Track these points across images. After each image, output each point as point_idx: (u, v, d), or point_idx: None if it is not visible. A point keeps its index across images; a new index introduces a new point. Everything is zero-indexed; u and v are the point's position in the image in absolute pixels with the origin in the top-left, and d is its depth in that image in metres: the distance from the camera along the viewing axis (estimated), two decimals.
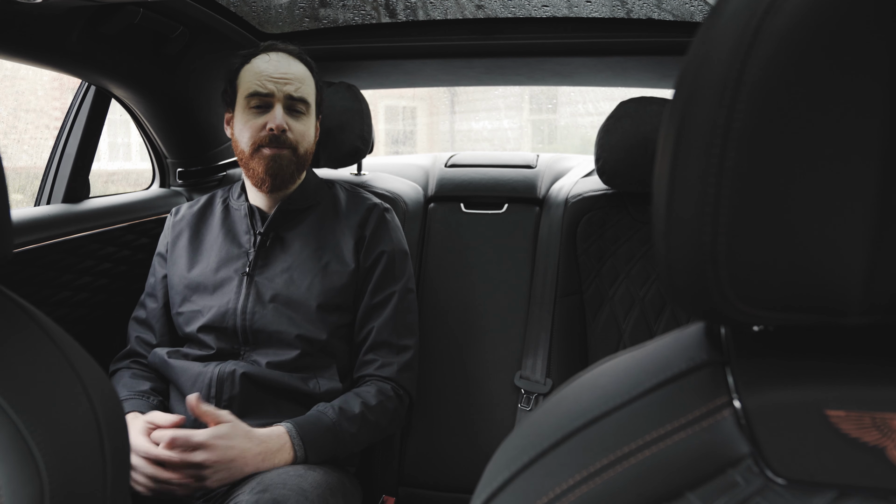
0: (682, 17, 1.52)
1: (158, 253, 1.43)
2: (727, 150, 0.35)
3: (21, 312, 0.60)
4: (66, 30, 1.22)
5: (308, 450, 1.17)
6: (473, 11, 1.57)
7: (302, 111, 1.33)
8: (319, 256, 1.33)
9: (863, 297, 0.35)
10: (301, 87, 1.33)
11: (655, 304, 1.54)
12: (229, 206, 1.41)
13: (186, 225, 1.41)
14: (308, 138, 1.35)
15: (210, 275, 1.33)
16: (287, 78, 1.31)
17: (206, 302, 1.31)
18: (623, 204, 1.59)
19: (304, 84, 1.34)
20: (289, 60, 1.34)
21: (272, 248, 1.33)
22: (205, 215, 1.42)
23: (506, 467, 0.43)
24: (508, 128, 6.31)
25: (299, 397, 1.26)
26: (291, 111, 1.32)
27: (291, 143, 1.31)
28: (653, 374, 0.42)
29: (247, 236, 1.35)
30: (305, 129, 1.34)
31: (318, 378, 1.29)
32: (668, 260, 0.39)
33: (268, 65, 1.31)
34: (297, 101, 1.32)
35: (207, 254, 1.35)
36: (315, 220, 1.37)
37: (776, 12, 0.34)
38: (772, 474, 0.37)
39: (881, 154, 0.33)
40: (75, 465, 0.54)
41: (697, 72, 0.36)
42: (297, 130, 1.32)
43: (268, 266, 1.32)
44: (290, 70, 1.32)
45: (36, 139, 2.60)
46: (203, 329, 1.29)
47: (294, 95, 1.31)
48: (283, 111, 1.30)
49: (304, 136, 1.34)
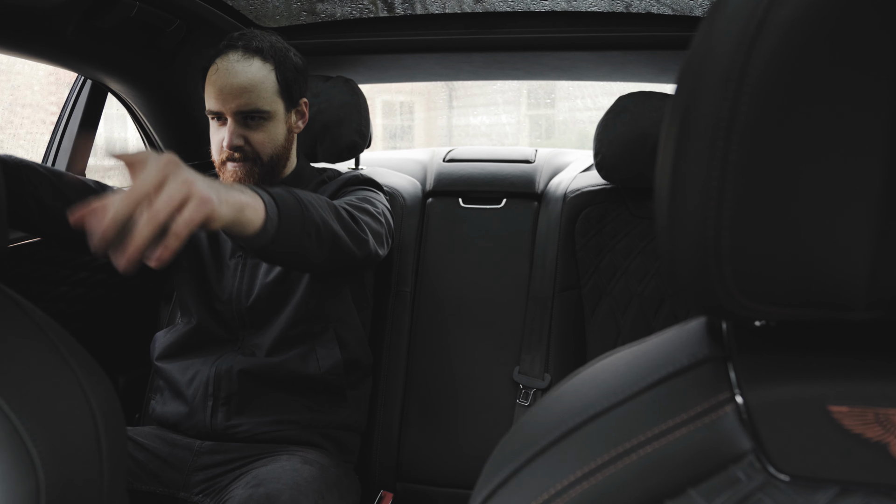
0: (681, 11, 1.52)
1: None
2: (731, 144, 0.35)
3: (17, 308, 0.60)
4: (62, 23, 1.21)
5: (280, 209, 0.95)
6: (472, 5, 1.57)
7: (260, 120, 1.25)
8: None
9: (867, 292, 0.35)
10: (252, 97, 1.23)
11: (654, 299, 1.53)
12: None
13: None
14: (272, 143, 1.28)
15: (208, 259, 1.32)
16: (234, 91, 1.21)
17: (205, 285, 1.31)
18: (622, 199, 1.59)
19: (257, 90, 1.23)
20: (239, 65, 1.23)
21: None
22: None
23: (506, 464, 0.42)
24: (506, 123, 6.30)
25: (300, 383, 1.26)
26: (246, 122, 1.24)
27: (251, 155, 1.25)
28: (654, 370, 0.42)
29: None
30: (266, 137, 1.26)
31: (316, 350, 1.28)
32: (670, 255, 0.38)
33: (217, 76, 1.22)
34: (249, 113, 1.24)
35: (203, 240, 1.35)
36: None
37: (780, 5, 0.34)
38: (774, 470, 0.37)
39: (885, 148, 0.33)
40: (72, 462, 0.54)
41: (700, 65, 0.36)
42: (256, 140, 1.25)
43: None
44: (237, 79, 1.22)
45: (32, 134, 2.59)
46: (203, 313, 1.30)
47: (244, 110, 1.23)
48: (236, 126, 1.23)
49: (265, 143, 1.26)
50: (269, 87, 1.25)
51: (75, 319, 1.42)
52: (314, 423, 1.28)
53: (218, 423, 1.23)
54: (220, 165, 1.28)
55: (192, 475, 1.20)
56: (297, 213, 0.98)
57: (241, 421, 1.24)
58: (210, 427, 1.24)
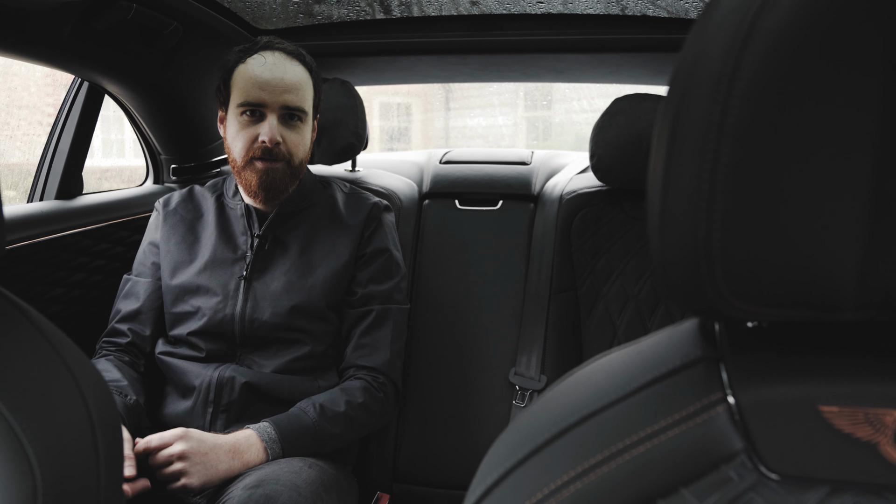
0: (676, 13, 1.52)
1: (151, 242, 1.36)
2: (721, 146, 0.35)
3: (14, 309, 0.60)
4: (59, 25, 1.21)
5: (286, 448, 1.16)
6: (468, 8, 1.57)
7: (297, 120, 1.26)
8: (319, 259, 1.30)
9: (856, 293, 0.35)
10: (298, 95, 1.25)
11: (649, 300, 1.54)
12: (224, 205, 1.36)
13: (180, 220, 1.35)
14: (303, 148, 1.29)
15: (206, 277, 1.29)
16: (283, 86, 1.23)
17: (200, 303, 1.27)
18: (617, 201, 1.59)
19: (302, 90, 1.26)
20: (286, 63, 1.25)
21: (271, 252, 1.30)
22: (198, 211, 1.36)
23: (500, 464, 0.43)
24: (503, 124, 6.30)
25: (300, 398, 1.26)
26: (286, 120, 1.25)
27: (285, 155, 1.25)
28: (647, 371, 0.42)
29: (243, 237, 1.31)
30: (300, 139, 1.27)
31: (318, 380, 1.28)
32: (662, 256, 0.39)
33: (263, 69, 1.23)
34: (294, 110, 1.24)
35: (202, 254, 1.31)
36: (312, 220, 1.33)
37: (771, 8, 0.34)
38: (765, 470, 0.37)
39: (874, 149, 0.33)
40: (68, 463, 0.54)
41: (692, 68, 0.36)
42: (292, 141, 1.25)
43: (266, 270, 1.29)
44: (286, 76, 1.24)
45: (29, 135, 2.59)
46: (196, 333, 1.27)
47: (290, 105, 1.24)
48: (276, 122, 1.23)
49: (299, 146, 1.27)
50: (309, 91, 1.29)
51: (72, 320, 1.41)
52: None
53: (217, 430, 1.22)
54: (246, 164, 1.25)
55: None
56: (308, 447, 1.18)
57: (240, 427, 1.23)
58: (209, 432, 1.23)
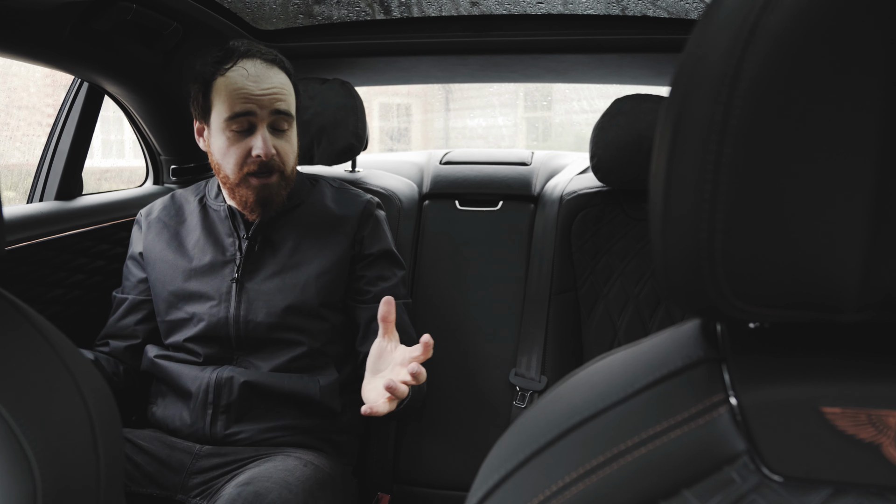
0: (677, 14, 1.52)
1: (132, 256, 1.35)
2: (724, 147, 0.35)
3: (13, 310, 0.60)
4: (59, 26, 1.21)
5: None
6: (468, 8, 1.57)
7: (286, 127, 1.24)
8: (310, 257, 1.29)
9: (858, 294, 0.35)
10: (286, 101, 1.23)
11: (650, 301, 1.54)
12: (207, 207, 1.34)
13: (163, 227, 1.34)
14: (293, 155, 1.28)
15: (197, 282, 1.28)
16: (271, 95, 1.20)
17: (195, 309, 1.27)
18: (618, 201, 1.59)
19: (288, 95, 1.24)
20: (268, 71, 1.22)
21: (260, 253, 1.29)
22: (180, 215, 1.35)
23: (501, 465, 0.43)
24: (503, 125, 6.31)
25: (299, 400, 1.26)
26: (275, 129, 1.23)
27: (279, 165, 1.23)
28: (649, 372, 0.42)
29: (230, 239, 1.29)
30: (290, 147, 1.26)
31: (317, 377, 1.28)
32: (664, 257, 0.39)
33: (247, 80, 1.20)
34: (283, 115, 1.22)
35: (190, 259, 1.30)
36: (301, 218, 1.32)
37: (773, 8, 0.34)
38: (768, 471, 0.37)
39: (877, 150, 0.33)
40: (68, 463, 0.54)
41: (694, 68, 0.36)
42: (283, 151, 1.24)
43: (257, 271, 1.28)
44: (270, 83, 1.21)
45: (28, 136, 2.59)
46: (193, 339, 1.27)
47: (280, 109, 1.21)
48: (267, 133, 1.21)
49: (290, 154, 1.26)
50: (292, 95, 1.27)
51: (72, 321, 1.41)
52: (314, 429, 1.28)
53: (218, 431, 1.23)
54: (241, 181, 1.23)
55: (191, 478, 1.19)
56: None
57: (240, 428, 1.23)
58: (210, 434, 1.23)
